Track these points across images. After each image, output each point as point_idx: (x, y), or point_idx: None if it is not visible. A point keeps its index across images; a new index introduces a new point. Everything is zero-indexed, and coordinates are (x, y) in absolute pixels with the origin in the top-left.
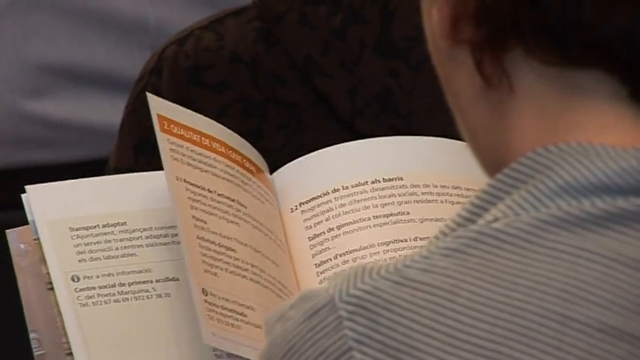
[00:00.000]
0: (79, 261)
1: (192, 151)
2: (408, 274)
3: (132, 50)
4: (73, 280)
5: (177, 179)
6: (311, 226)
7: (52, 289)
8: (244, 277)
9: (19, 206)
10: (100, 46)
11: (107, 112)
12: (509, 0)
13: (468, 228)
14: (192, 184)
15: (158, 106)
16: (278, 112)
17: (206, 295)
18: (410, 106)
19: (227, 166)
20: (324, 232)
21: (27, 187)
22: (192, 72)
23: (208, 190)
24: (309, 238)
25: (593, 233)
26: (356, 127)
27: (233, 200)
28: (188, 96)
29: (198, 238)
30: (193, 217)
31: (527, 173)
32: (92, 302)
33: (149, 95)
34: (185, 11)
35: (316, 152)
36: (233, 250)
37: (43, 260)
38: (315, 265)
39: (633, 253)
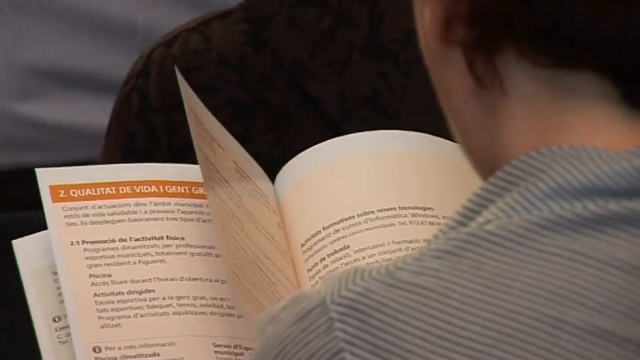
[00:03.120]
0: (60, 302)
1: (99, 207)
2: (400, 276)
3: (121, 52)
4: (54, 321)
5: (72, 244)
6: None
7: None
8: (164, 313)
9: (8, 208)
10: (89, 49)
11: (96, 114)
12: (501, 1)
13: (459, 230)
14: (93, 242)
15: (50, 177)
16: (266, 115)
17: (99, 352)
18: (399, 108)
19: (156, 204)
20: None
21: (13, 242)
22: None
23: (120, 239)
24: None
25: (585, 236)
26: (345, 129)
27: (160, 238)
28: (175, 98)
29: (95, 295)
30: (91, 275)
31: (519, 176)
32: (71, 339)
33: (38, 170)
34: (174, 14)
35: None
36: (150, 291)
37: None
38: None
39: (625, 256)
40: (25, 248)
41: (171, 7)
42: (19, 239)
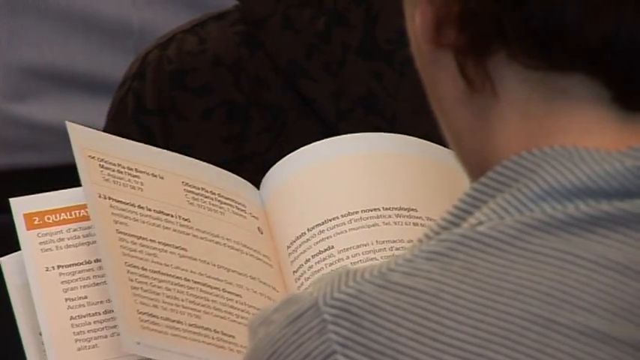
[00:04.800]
0: None
1: (74, 230)
2: (392, 278)
3: (116, 53)
4: (41, 335)
5: (48, 270)
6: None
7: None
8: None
9: (5, 209)
10: (84, 50)
11: (91, 114)
12: (492, 4)
13: (451, 231)
14: (68, 266)
15: (23, 205)
16: (262, 116)
17: None
18: (394, 109)
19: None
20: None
21: (1, 259)
22: (175, 76)
23: (96, 260)
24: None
25: (577, 237)
26: (340, 130)
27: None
28: (171, 100)
29: (71, 319)
30: (67, 299)
31: (511, 177)
32: None
33: (12, 200)
34: (169, 15)
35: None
36: (100, 312)
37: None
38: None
39: (617, 257)
40: (11, 265)
41: (166, 8)
42: (5, 257)
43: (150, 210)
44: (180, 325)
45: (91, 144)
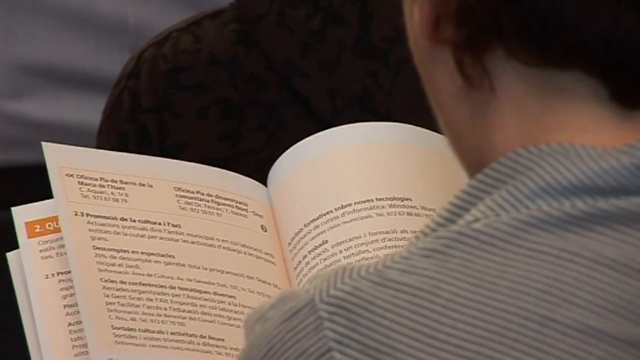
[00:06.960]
0: None
1: None
2: (389, 275)
3: (112, 51)
4: None
5: (47, 277)
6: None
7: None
8: None
9: (1, 206)
10: (80, 47)
11: (87, 112)
12: (490, 0)
13: (448, 228)
14: (68, 272)
15: (25, 214)
16: (257, 114)
17: None
18: (389, 107)
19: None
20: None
21: (7, 255)
22: (170, 74)
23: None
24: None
25: (573, 234)
26: None
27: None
28: (166, 99)
29: (69, 325)
30: (65, 305)
31: (507, 173)
32: None
33: (14, 209)
34: (164, 12)
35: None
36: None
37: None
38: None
39: (613, 254)
40: (17, 260)
41: (162, 6)
42: (12, 252)
43: (134, 221)
44: (162, 335)
45: (69, 161)
